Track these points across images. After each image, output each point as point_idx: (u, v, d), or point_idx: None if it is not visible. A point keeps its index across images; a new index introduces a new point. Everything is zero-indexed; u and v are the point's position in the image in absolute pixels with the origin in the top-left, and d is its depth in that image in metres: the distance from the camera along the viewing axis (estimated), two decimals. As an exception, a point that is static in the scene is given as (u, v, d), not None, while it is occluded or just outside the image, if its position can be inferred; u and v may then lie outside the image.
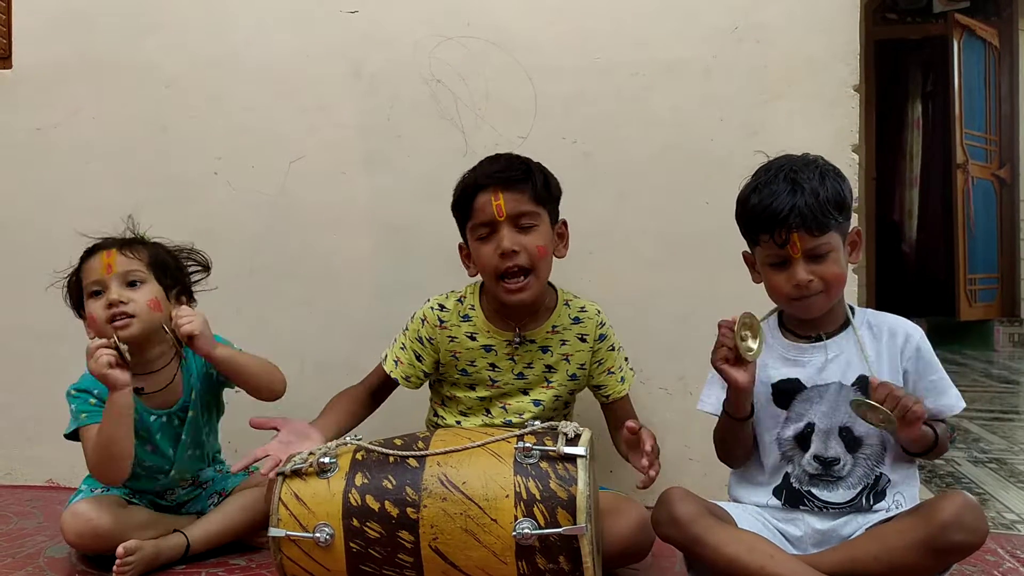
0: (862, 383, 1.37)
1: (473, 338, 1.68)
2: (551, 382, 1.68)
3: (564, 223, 1.71)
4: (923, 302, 6.22)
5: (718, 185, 1.82)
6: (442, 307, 1.71)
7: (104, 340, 1.50)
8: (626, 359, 1.75)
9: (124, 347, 1.51)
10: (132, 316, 1.58)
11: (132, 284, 1.61)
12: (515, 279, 1.59)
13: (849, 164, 1.78)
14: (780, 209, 1.32)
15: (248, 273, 1.81)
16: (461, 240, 1.70)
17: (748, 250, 1.46)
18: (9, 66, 2.20)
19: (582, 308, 1.71)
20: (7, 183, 2.21)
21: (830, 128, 1.87)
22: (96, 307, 1.59)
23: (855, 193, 1.52)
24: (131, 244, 1.65)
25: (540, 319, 1.68)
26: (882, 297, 5.88)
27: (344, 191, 2.08)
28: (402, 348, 1.72)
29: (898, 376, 1.38)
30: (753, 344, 1.33)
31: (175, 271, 1.69)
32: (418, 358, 1.71)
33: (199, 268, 1.74)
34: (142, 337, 1.60)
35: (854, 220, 1.45)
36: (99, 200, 2.12)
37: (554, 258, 1.67)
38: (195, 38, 2.13)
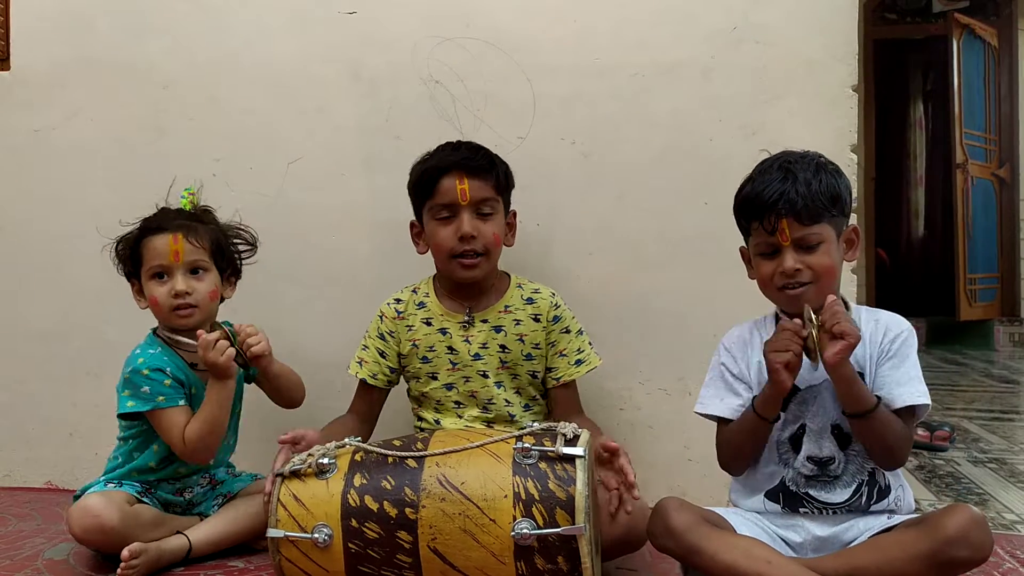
0: None
1: (429, 323, 1.74)
2: (507, 363, 1.72)
3: (514, 214, 1.78)
4: (923, 302, 6.22)
5: (717, 185, 1.81)
6: (398, 300, 1.79)
7: (217, 334, 1.58)
8: (589, 343, 1.77)
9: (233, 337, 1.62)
10: (195, 307, 1.67)
11: (195, 272, 1.68)
12: (469, 258, 1.66)
13: (848, 164, 1.78)
14: (770, 195, 1.33)
15: (247, 274, 1.82)
16: (414, 218, 1.75)
17: (745, 245, 1.46)
18: (7, 67, 2.20)
19: (536, 290, 1.77)
20: (6, 184, 2.21)
21: (829, 128, 1.87)
22: (161, 292, 1.66)
23: (853, 194, 1.52)
24: (195, 230, 1.69)
25: (491, 299, 1.75)
26: (882, 298, 5.88)
27: (343, 192, 2.08)
28: (364, 348, 1.78)
29: (873, 364, 1.36)
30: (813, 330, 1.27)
31: (229, 253, 1.75)
32: (381, 354, 1.76)
33: (248, 246, 1.80)
34: (200, 325, 1.67)
35: (852, 219, 1.45)
36: (98, 201, 2.12)
37: (504, 247, 1.74)
38: (194, 40, 2.12)
